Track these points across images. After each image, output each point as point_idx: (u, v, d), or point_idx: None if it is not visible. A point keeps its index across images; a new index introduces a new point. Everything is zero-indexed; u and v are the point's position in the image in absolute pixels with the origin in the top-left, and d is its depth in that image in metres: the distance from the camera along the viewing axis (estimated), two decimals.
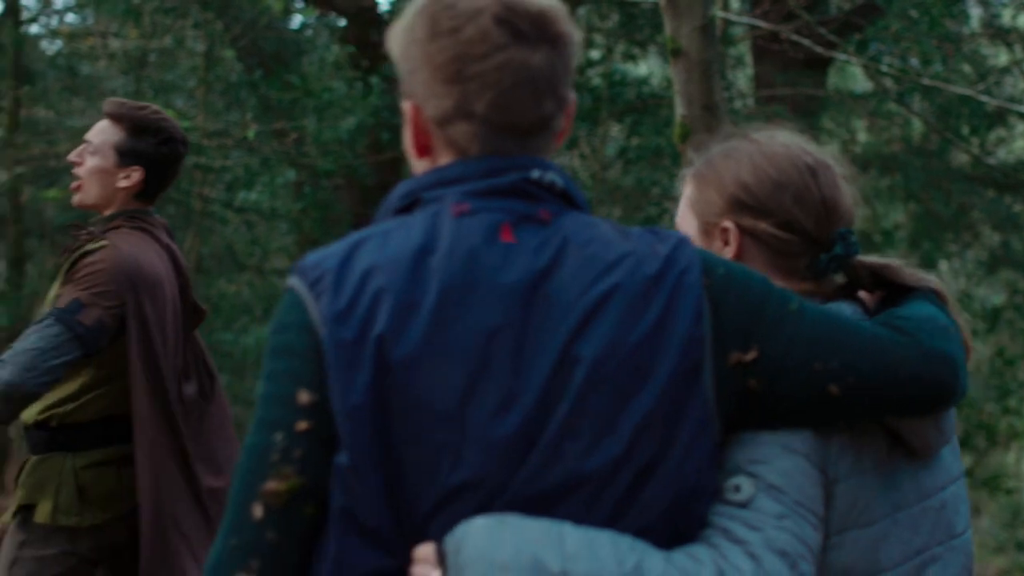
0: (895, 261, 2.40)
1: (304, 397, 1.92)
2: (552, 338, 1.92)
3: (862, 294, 2.43)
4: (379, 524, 1.89)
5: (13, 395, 4.24)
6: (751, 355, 2.02)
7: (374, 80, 13.23)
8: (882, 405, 2.11)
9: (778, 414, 2.06)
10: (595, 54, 14.37)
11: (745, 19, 11.72)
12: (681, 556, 1.92)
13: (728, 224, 2.38)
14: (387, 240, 2.03)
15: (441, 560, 1.86)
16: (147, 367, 4.46)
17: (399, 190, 2.18)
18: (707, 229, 2.41)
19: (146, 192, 4.71)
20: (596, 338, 1.92)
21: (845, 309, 2.30)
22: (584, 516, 1.89)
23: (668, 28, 5.99)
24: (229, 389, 18.26)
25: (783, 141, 2.42)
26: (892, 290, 2.37)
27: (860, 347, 2.08)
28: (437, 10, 2.02)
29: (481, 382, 1.89)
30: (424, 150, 2.13)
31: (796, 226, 2.35)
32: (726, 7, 12.33)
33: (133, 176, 4.65)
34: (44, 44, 17.28)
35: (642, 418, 1.91)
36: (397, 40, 2.10)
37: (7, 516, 4.60)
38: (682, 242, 2.04)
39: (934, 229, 14.23)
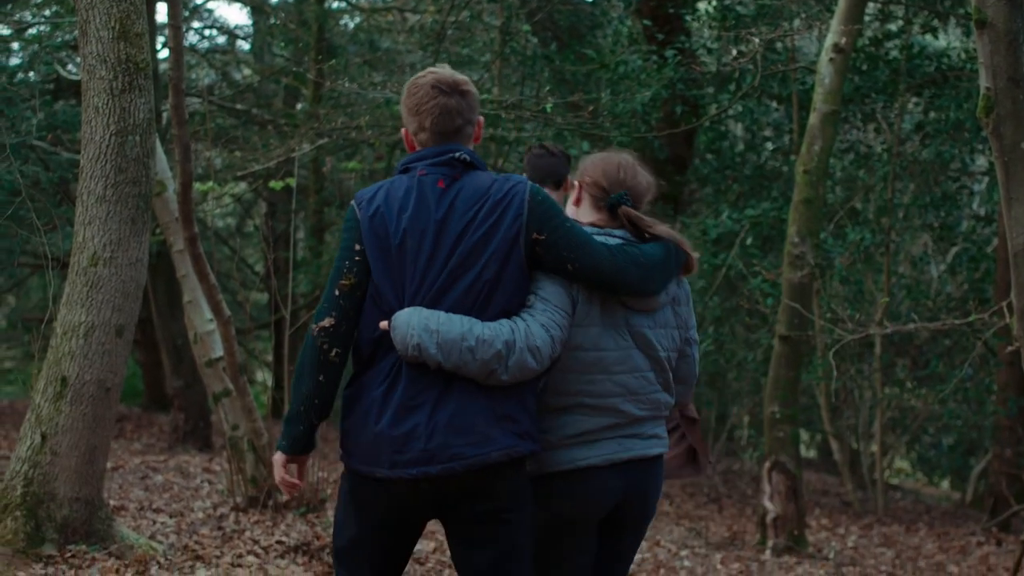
0: (648, 218, 4.62)
1: (356, 246, 4.28)
2: (455, 226, 4.22)
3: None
4: (380, 306, 4.24)
5: None
6: (540, 237, 4.26)
7: (669, 53, 13.13)
8: (593, 283, 4.37)
9: (549, 268, 4.33)
10: (893, 27, 13.97)
11: None
12: (494, 323, 4.22)
13: (577, 182, 4.75)
14: (392, 186, 4.34)
15: (389, 324, 4.19)
16: None
17: (402, 162, 4.42)
18: (577, 183, 4.76)
19: None
20: (474, 224, 4.22)
21: (615, 234, 4.57)
22: (461, 310, 4.21)
23: None
24: None
25: (624, 155, 4.80)
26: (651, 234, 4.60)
27: (587, 252, 4.32)
28: (410, 84, 4.44)
29: (414, 246, 4.23)
30: (411, 147, 4.49)
31: (604, 183, 4.67)
32: None
33: None
34: (345, 19, 17.72)
35: (490, 257, 4.21)
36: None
37: None
38: (521, 182, 4.33)
39: None
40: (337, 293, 4.25)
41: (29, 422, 7.46)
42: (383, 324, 4.20)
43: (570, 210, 4.73)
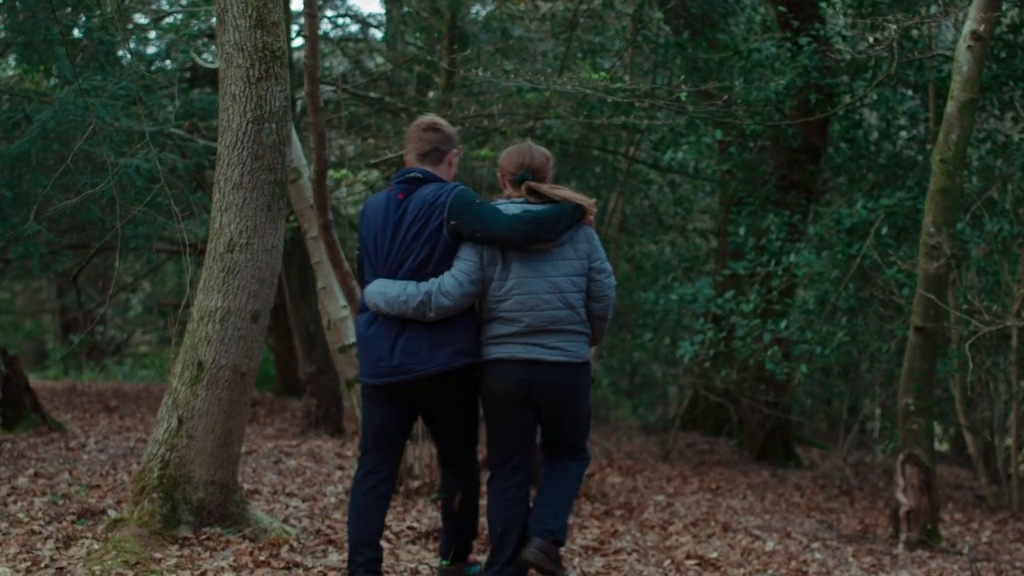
0: (546, 187, 6.80)
1: (360, 240, 6.97)
2: (404, 224, 6.71)
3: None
4: (367, 277, 6.86)
5: None
6: (455, 222, 6.61)
7: (803, 40, 12.98)
8: (495, 241, 6.62)
9: (467, 238, 6.66)
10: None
11: None
12: (423, 283, 6.62)
13: (497, 170, 7.00)
14: (376, 198, 6.93)
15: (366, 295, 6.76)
16: None
17: (392, 179, 6.98)
18: (499, 172, 7.00)
19: None
20: (416, 221, 6.67)
21: (515, 202, 6.81)
22: (408, 278, 6.67)
23: None
24: (651, 345, 18.41)
25: (527, 143, 7.02)
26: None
27: (487, 222, 6.58)
28: (412, 126, 7.06)
29: (381, 238, 6.77)
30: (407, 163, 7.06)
31: (509, 169, 6.91)
32: None
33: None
34: (477, 7, 17.75)
35: (425, 240, 6.67)
36: None
37: None
38: (452, 189, 6.72)
39: None
40: (356, 266, 7.61)
41: (166, 406, 7.58)
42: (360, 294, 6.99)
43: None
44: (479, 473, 7.12)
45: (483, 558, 7.51)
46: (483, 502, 7.24)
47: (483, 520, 7.83)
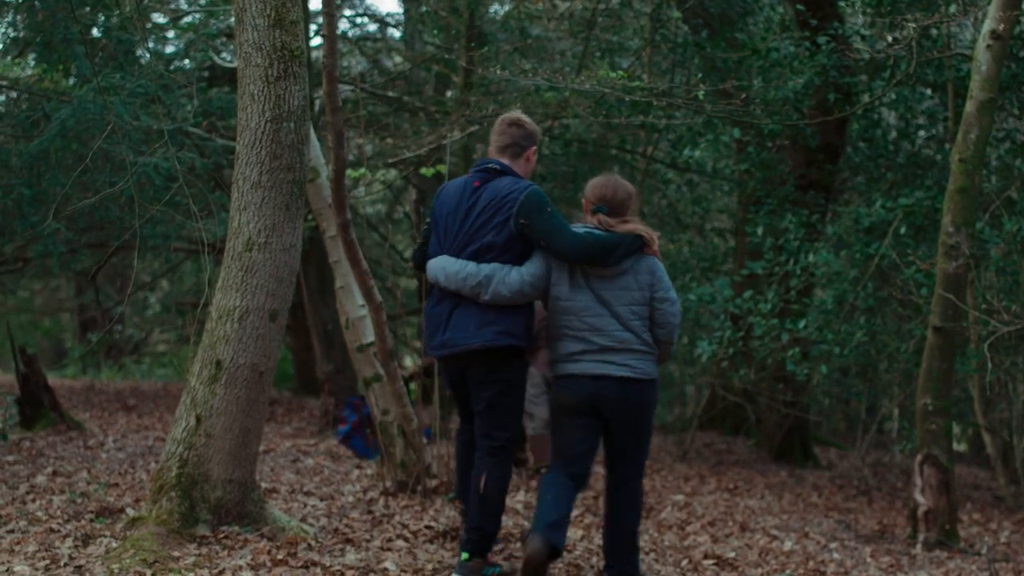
0: (615, 220, 7.26)
1: (427, 219, 7.55)
2: (477, 210, 7.22)
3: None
4: (433, 253, 7.39)
5: None
6: (524, 222, 7.10)
7: (822, 39, 12.95)
8: (555, 254, 7.13)
9: (533, 244, 7.17)
10: None
11: None
12: (485, 265, 7.14)
13: (584, 199, 7.48)
14: (455, 182, 7.47)
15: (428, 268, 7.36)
16: None
17: (472, 167, 7.55)
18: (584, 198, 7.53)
19: None
20: (488, 210, 7.19)
21: (588, 227, 7.24)
22: (471, 259, 7.18)
23: None
24: None
25: (615, 177, 7.57)
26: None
27: (553, 236, 7.07)
28: (497, 120, 7.62)
29: (452, 220, 7.30)
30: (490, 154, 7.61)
31: (591, 199, 7.37)
32: None
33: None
34: (495, 7, 17.74)
35: (491, 229, 7.18)
36: None
37: None
38: (524, 187, 7.20)
39: None
40: (418, 242, 7.71)
41: (184, 404, 7.59)
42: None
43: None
44: (509, 463, 7.32)
45: (501, 559, 7.62)
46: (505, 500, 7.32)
47: (525, 525, 8.38)
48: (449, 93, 17.16)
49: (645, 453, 7.44)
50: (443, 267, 7.17)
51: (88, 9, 12.77)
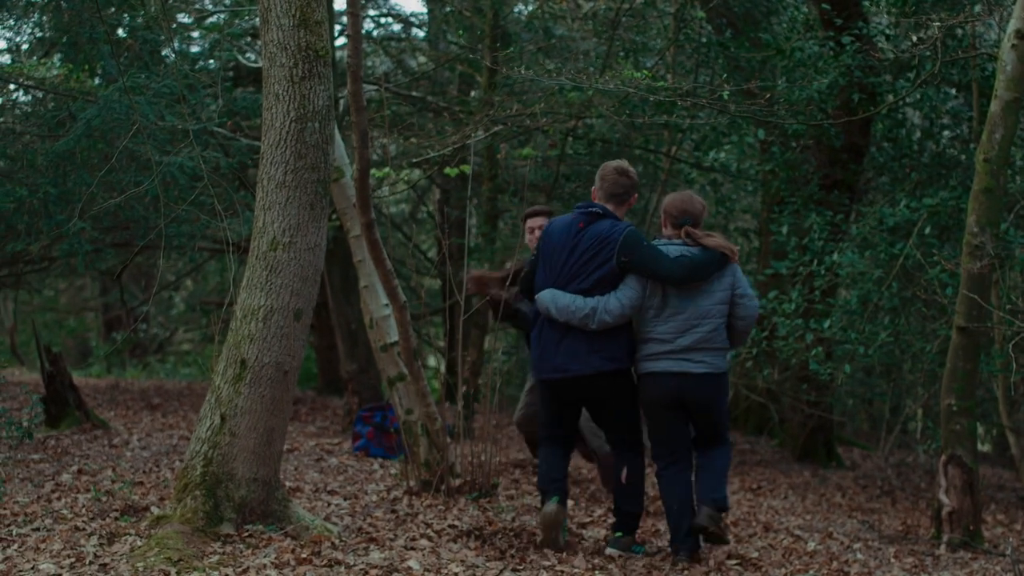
0: (701, 233, 8.43)
1: (534, 251, 8.86)
2: (580, 248, 8.31)
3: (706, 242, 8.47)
4: (543, 282, 8.45)
5: None
6: (625, 259, 8.22)
7: (846, 39, 12.92)
8: (657, 278, 8.25)
9: (635, 272, 8.27)
10: None
11: None
12: (591, 298, 8.26)
13: (663, 212, 8.59)
14: (563, 219, 8.55)
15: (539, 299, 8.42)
16: None
17: (576, 207, 8.62)
18: (662, 213, 8.64)
19: None
20: (591, 248, 8.29)
21: (675, 243, 8.42)
22: (577, 292, 8.28)
23: None
24: None
25: (690, 192, 8.72)
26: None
27: (653, 264, 8.20)
28: (606, 167, 8.66)
29: (558, 255, 8.37)
30: (593, 197, 8.69)
31: (673, 213, 8.50)
32: None
33: None
34: (519, 7, 17.74)
35: (595, 266, 8.27)
36: None
37: None
38: (623, 228, 8.33)
39: None
40: (527, 272, 8.68)
41: (209, 403, 7.62)
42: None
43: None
44: (642, 456, 8.67)
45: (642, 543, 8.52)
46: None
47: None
48: (473, 93, 17.17)
49: (727, 427, 8.58)
50: (553, 300, 8.26)
51: (114, 9, 12.83)
